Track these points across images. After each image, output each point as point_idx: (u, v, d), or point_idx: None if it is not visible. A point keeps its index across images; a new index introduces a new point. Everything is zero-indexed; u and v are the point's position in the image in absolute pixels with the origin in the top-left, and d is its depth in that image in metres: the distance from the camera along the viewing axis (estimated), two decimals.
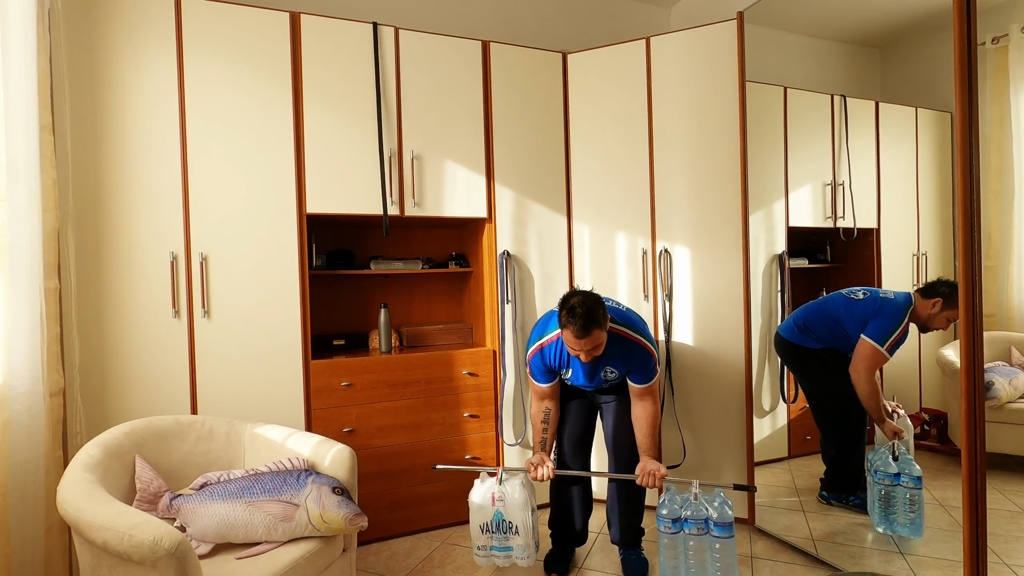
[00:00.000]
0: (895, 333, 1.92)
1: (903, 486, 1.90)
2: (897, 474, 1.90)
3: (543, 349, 1.92)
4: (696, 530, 1.76)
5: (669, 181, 2.45)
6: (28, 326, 1.66)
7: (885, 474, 1.93)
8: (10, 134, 1.64)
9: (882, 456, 1.95)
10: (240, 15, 2.09)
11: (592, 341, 1.73)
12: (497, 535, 1.87)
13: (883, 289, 2.02)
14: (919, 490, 1.88)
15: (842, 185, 2.12)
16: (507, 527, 1.85)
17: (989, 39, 1.66)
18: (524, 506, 1.85)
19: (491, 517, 1.87)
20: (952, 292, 1.73)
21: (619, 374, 1.92)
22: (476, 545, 1.90)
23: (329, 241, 2.61)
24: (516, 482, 1.88)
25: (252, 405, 2.08)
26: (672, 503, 1.81)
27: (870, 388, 1.97)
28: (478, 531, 1.89)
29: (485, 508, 1.88)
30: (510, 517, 1.86)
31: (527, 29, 3.11)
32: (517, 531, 1.85)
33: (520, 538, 1.86)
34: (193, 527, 1.48)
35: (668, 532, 1.80)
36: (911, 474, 1.89)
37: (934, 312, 1.87)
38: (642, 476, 1.83)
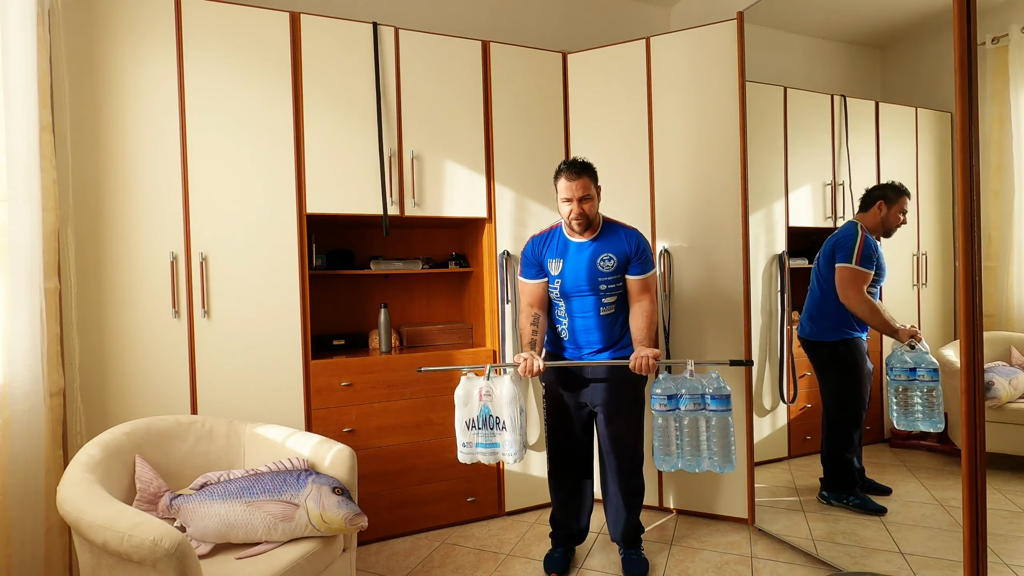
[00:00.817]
0: (856, 247, 1.97)
1: (919, 380, 1.85)
2: (913, 368, 1.85)
3: (535, 237, 2.01)
4: (692, 405, 1.73)
5: (669, 181, 2.45)
6: (28, 326, 1.66)
7: (901, 370, 1.88)
8: (10, 134, 1.64)
9: (897, 355, 1.90)
10: (240, 15, 2.09)
11: (583, 187, 1.83)
12: (484, 431, 1.81)
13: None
14: (936, 382, 1.82)
15: (842, 185, 2.12)
16: (494, 422, 1.80)
17: (989, 39, 1.66)
18: (513, 400, 1.79)
19: (477, 412, 1.81)
20: (886, 189, 1.94)
21: (616, 262, 1.90)
22: (461, 443, 1.84)
23: (329, 241, 2.61)
24: (504, 378, 1.83)
25: (252, 405, 2.08)
26: (666, 382, 1.78)
27: (867, 306, 1.98)
28: (463, 427, 1.83)
29: (471, 403, 1.82)
30: (497, 412, 1.80)
31: (527, 29, 3.11)
32: (504, 426, 1.79)
33: (508, 433, 1.79)
34: (193, 527, 1.48)
35: (663, 410, 1.75)
36: (927, 367, 1.84)
37: (883, 215, 1.96)
38: (635, 361, 1.79)
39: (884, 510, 2.06)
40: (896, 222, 1.96)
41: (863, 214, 2.02)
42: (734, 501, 2.38)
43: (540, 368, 1.83)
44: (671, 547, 2.21)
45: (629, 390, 1.97)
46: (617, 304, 1.95)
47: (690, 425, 1.76)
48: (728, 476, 2.38)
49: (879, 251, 1.99)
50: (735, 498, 2.38)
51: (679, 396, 1.76)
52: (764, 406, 2.37)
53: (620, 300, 1.96)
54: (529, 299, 2.01)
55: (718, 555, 2.14)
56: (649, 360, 1.78)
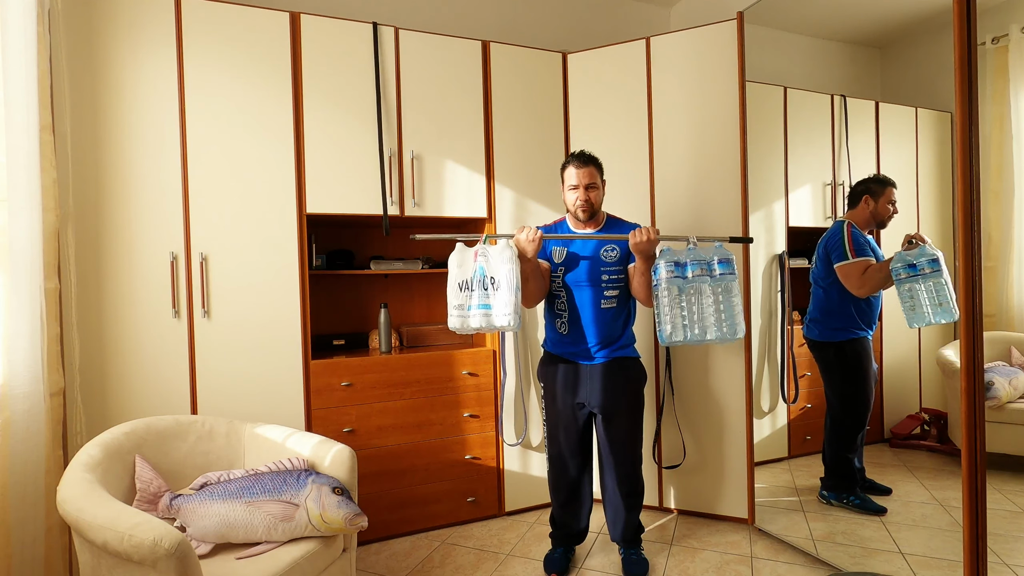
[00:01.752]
0: (845, 243, 2.00)
1: (922, 274, 1.81)
2: (912, 264, 1.83)
3: (541, 227, 1.99)
4: (700, 271, 1.68)
5: (669, 180, 2.45)
6: (28, 326, 1.66)
7: (902, 267, 1.85)
8: (10, 134, 1.64)
9: (899, 255, 1.87)
10: (240, 15, 2.09)
11: (590, 175, 1.90)
12: (477, 292, 1.70)
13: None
14: (939, 272, 1.78)
15: (842, 185, 2.12)
16: (488, 282, 1.70)
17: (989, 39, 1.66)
18: (509, 260, 1.70)
19: (471, 274, 1.72)
20: (869, 183, 1.99)
21: (620, 254, 1.92)
22: (452, 306, 1.74)
23: (329, 241, 2.61)
24: (502, 242, 1.75)
25: (252, 405, 2.08)
26: (669, 254, 1.74)
27: (873, 283, 1.99)
28: (455, 289, 1.74)
29: (465, 264, 1.73)
30: (493, 272, 1.71)
31: (527, 29, 3.11)
32: (499, 286, 1.69)
33: (502, 293, 1.68)
34: (193, 527, 1.48)
35: (670, 276, 1.69)
36: (927, 257, 1.80)
37: (871, 208, 1.99)
38: (635, 235, 1.75)
39: (884, 510, 2.06)
40: (887, 213, 1.98)
41: (852, 211, 2.05)
42: (734, 501, 2.38)
43: (540, 234, 1.77)
44: (671, 547, 2.21)
45: (628, 390, 1.97)
46: (619, 300, 1.95)
47: (697, 293, 1.70)
48: (728, 476, 2.38)
49: (872, 243, 2.01)
50: (735, 498, 2.38)
51: (685, 263, 1.71)
52: (763, 406, 2.37)
53: (622, 296, 1.96)
54: None
55: (718, 555, 2.14)
56: (650, 233, 1.75)
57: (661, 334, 1.76)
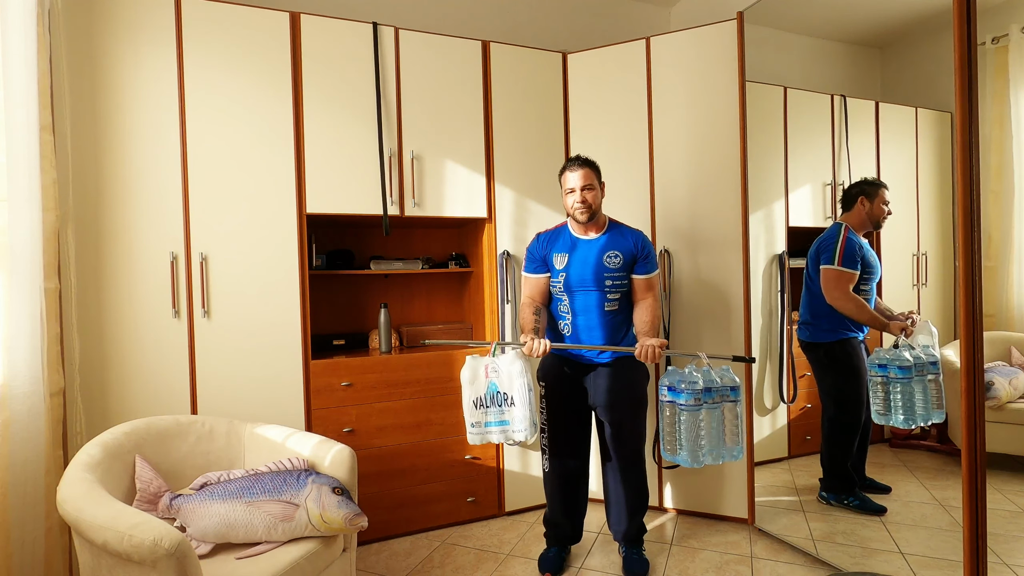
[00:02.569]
0: (837, 248, 2.01)
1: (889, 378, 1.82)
2: (883, 366, 1.83)
3: (542, 234, 2.06)
4: (718, 397, 1.70)
5: (669, 181, 2.45)
6: (28, 326, 1.66)
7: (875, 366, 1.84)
8: (10, 134, 1.64)
9: (876, 351, 1.87)
10: (240, 15, 2.09)
11: (585, 176, 1.91)
12: (492, 408, 1.77)
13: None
14: (908, 380, 1.80)
15: (842, 185, 2.12)
16: (502, 399, 1.76)
17: (989, 39, 1.66)
18: (521, 374, 1.75)
19: (484, 390, 1.77)
20: (863, 185, 2.00)
21: (623, 260, 1.93)
22: (470, 423, 1.80)
23: (329, 241, 2.61)
24: (510, 354, 1.79)
25: (252, 405, 2.08)
26: (691, 375, 1.73)
27: (852, 304, 2.00)
28: (471, 407, 1.79)
29: (478, 381, 1.78)
30: (505, 388, 1.76)
31: (527, 29, 3.11)
32: (513, 402, 1.75)
33: (517, 409, 1.74)
34: (193, 527, 1.48)
35: (694, 405, 1.69)
36: (899, 363, 1.81)
37: (867, 209, 2.00)
38: (640, 350, 1.78)
39: (884, 510, 2.06)
40: (881, 213, 2.00)
41: (847, 213, 2.05)
42: (734, 501, 2.38)
43: (546, 348, 1.81)
44: (671, 547, 2.21)
45: (632, 390, 1.97)
46: (620, 303, 1.96)
47: (712, 418, 1.72)
48: (728, 476, 2.38)
49: (865, 249, 2.01)
50: (735, 498, 2.38)
51: (709, 390, 1.72)
52: (764, 406, 2.37)
53: (624, 300, 1.96)
54: (531, 292, 2.02)
55: (718, 555, 2.14)
56: (655, 349, 1.77)
57: (676, 458, 1.75)
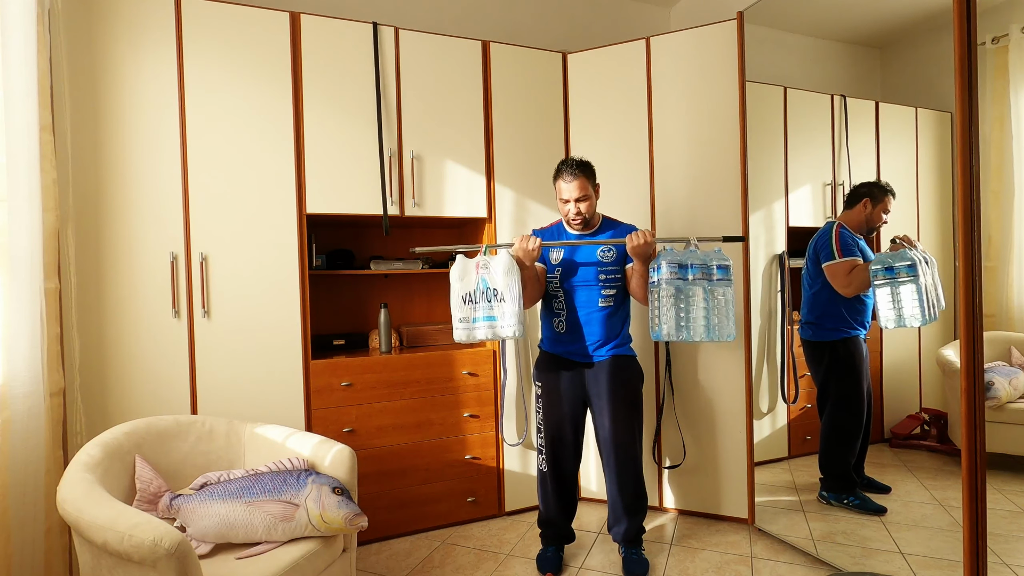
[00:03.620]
0: (832, 243, 2.02)
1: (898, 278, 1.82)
2: (890, 267, 1.84)
3: (537, 231, 2.02)
4: (701, 275, 1.73)
5: (669, 181, 2.45)
6: (28, 326, 1.66)
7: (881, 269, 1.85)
8: (10, 134, 1.64)
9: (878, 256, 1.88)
10: (240, 15, 2.09)
11: (580, 187, 1.87)
12: (481, 304, 1.75)
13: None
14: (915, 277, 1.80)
15: (842, 185, 2.12)
16: (492, 294, 1.74)
17: (989, 39, 1.66)
18: (511, 271, 1.74)
19: (475, 286, 1.76)
20: (872, 187, 1.98)
21: (616, 254, 1.93)
22: (457, 318, 1.78)
23: (329, 241, 2.61)
24: (502, 252, 1.78)
25: (252, 405, 2.08)
26: (671, 254, 1.75)
27: (858, 283, 2.00)
28: (459, 302, 1.77)
29: (468, 277, 1.77)
30: (495, 283, 1.75)
31: (527, 29, 3.11)
32: (503, 297, 1.73)
33: (507, 304, 1.73)
34: (193, 527, 1.48)
35: (673, 279, 1.71)
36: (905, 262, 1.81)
37: (868, 212, 2.00)
38: (632, 238, 1.78)
39: (884, 510, 2.06)
40: (879, 220, 2.00)
41: (848, 212, 2.06)
42: (734, 501, 2.38)
43: (538, 243, 1.80)
44: (671, 547, 2.21)
45: (627, 388, 1.97)
46: (616, 299, 1.96)
47: (694, 295, 1.74)
48: (728, 476, 2.38)
49: (861, 243, 2.01)
50: (735, 498, 2.38)
51: (687, 265, 1.73)
52: (763, 407, 2.37)
53: (619, 295, 1.97)
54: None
55: (718, 555, 2.14)
56: (646, 235, 1.77)
57: (657, 333, 1.78)
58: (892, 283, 1.83)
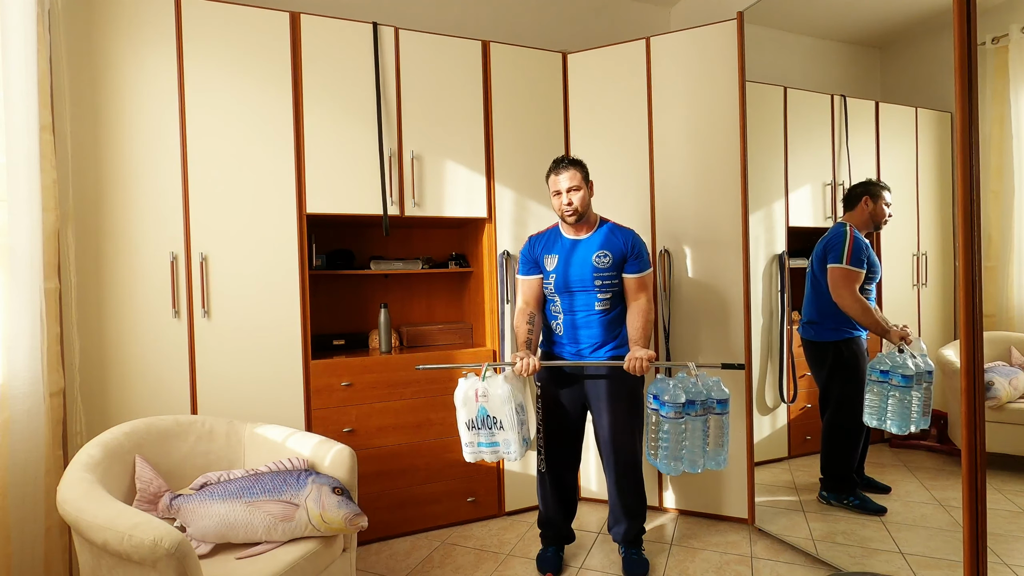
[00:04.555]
0: (846, 247, 2.01)
1: (890, 384, 1.85)
2: (885, 371, 1.86)
3: (533, 236, 2.09)
4: (702, 410, 1.76)
5: (669, 181, 2.45)
6: (28, 326, 1.66)
7: (875, 371, 1.88)
8: (10, 134, 1.64)
9: (878, 356, 1.90)
10: (240, 15, 2.09)
11: (571, 178, 1.91)
12: (483, 431, 1.86)
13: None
14: (908, 388, 1.83)
15: (842, 185, 2.12)
16: (492, 422, 1.85)
17: (989, 39, 1.66)
18: (507, 400, 1.83)
19: (475, 414, 1.86)
20: (868, 185, 2.00)
21: (612, 259, 1.93)
22: (464, 442, 1.90)
23: (329, 241, 2.61)
24: (499, 378, 1.87)
25: (252, 405, 2.08)
26: (674, 388, 1.77)
27: (859, 306, 2.00)
28: (464, 428, 1.89)
29: (469, 405, 1.87)
30: (494, 412, 1.85)
31: (527, 29, 3.11)
32: (502, 425, 1.84)
33: (506, 432, 1.84)
34: (193, 527, 1.48)
35: (676, 418, 1.75)
36: (901, 372, 1.84)
37: (870, 209, 2.01)
38: (630, 362, 1.82)
39: (884, 510, 2.06)
40: (883, 214, 2.00)
41: (850, 213, 2.05)
42: (734, 501, 2.38)
43: (536, 366, 1.86)
44: (671, 547, 2.21)
45: (626, 388, 1.97)
46: (612, 302, 1.96)
47: (695, 428, 1.78)
48: (728, 476, 2.38)
49: (870, 250, 2.01)
50: (735, 498, 2.38)
51: (694, 403, 1.77)
52: (765, 406, 2.37)
53: (615, 298, 1.97)
54: (526, 296, 2.04)
55: (718, 555, 2.14)
56: (643, 362, 1.81)
57: (654, 461, 1.83)
58: (882, 385, 1.89)
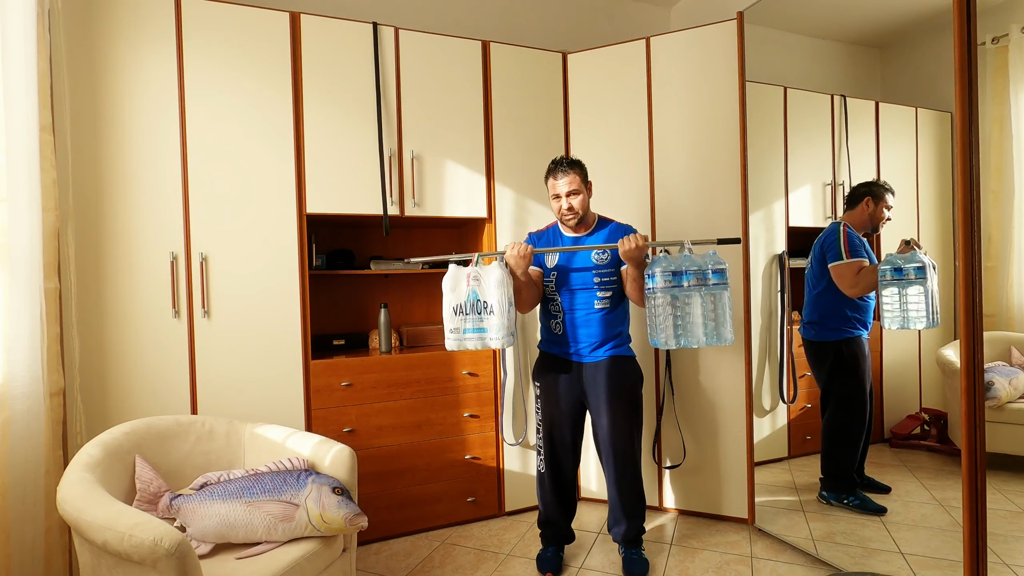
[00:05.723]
0: (840, 243, 2.02)
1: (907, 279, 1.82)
2: (899, 268, 1.83)
3: (533, 233, 2.09)
4: (695, 280, 1.72)
5: (669, 181, 2.45)
6: (28, 326, 1.66)
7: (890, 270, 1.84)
8: (10, 134, 1.64)
9: (888, 257, 1.88)
10: (240, 15, 2.09)
11: (570, 182, 1.90)
12: (471, 316, 1.79)
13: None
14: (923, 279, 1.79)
15: (842, 185, 2.12)
16: (482, 307, 1.78)
17: (989, 39, 1.66)
18: (500, 284, 1.78)
19: (465, 298, 1.80)
20: (872, 186, 2.00)
21: (611, 256, 1.93)
22: (448, 329, 1.83)
23: (329, 241, 2.61)
24: (493, 264, 1.82)
25: (252, 405, 2.08)
26: (664, 261, 1.75)
27: (865, 284, 2.00)
28: (451, 313, 1.82)
29: (459, 288, 1.81)
30: (485, 296, 1.79)
31: (527, 29, 3.11)
32: (492, 310, 1.78)
33: (495, 318, 1.77)
34: (193, 527, 1.48)
35: (667, 287, 1.71)
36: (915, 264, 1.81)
37: (870, 211, 2.01)
38: (623, 243, 1.78)
39: (884, 510, 2.06)
40: (882, 218, 2.00)
41: (850, 212, 2.06)
42: (734, 501, 2.38)
43: (530, 249, 1.82)
44: (671, 547, 2.21)
45: (625, 388, 1.97)
46: (612, 300, 1.96)
47: (690, 300, 1.73)
48: (728, 476, 2.38)
49: (866, 246, 2.01)
50: (735, 498, 2.38)
51: (682, 272, 1.73)
52: (764, 406, 2.37)
53: (615, 297, 1.97)
54: None
55: (718, 555, 2.14)
56: (636, 240, 1.78)
57: (655, 340, 1.78)
58: (900, 283, 1.83)
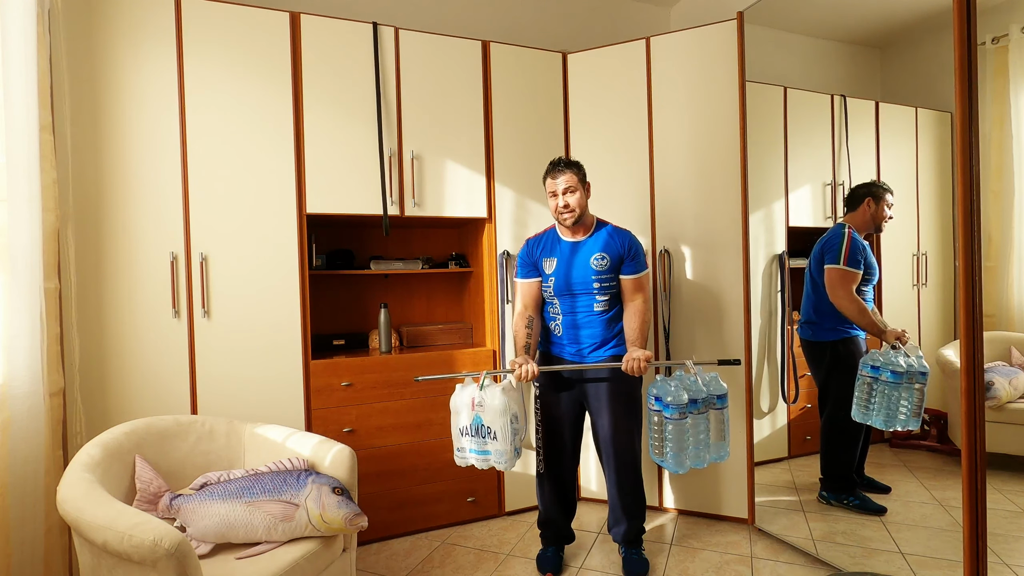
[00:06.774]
0: (843, 248, 2.02)
1: (879, 380, 1.87)
2: (875, 367, 1.87)
3: (531, 239, 2.09)
4: (704, 408, 1.79)
5: (669, 181, 2.45)
6: (28, 326, 1.66)
7: (867, 367, 1.89)
8: (10, 134, 1.64)
9: (871, 352, 1.91)
10: (240, 15, 2.09)
11: (567, 180, 1.91)
12: (476, 439, 1.87)
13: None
14: (897, 385, 1.84)
15: (842, 185, 2.12)
16: (485, 432, 1.85)
17: (989, 39, 1.66)
18: (503, 412, 1.84)
19: (471, 421, 1.87)
20: (871, 186, 2.00)
21: (609, 261, 1.93)
22: (456, 447, 1.91)
23: (329, 241, 2.61)
24: (496, 389, 1.87)
25: (252, 405, 2.08)
26: (677, 390, 1.78)
27: (855, 307, 2.01)
28: (458, 433, 1.90)
29: (464, 412, 1.88)
30: (488, 422, 1.85)
31: (527, 29, 3.11)
32: (495, 436, 1.84)
33: (498, 443, 1.84)
34: (193, 527, 1.48)
35: (679, 419, 1.76)
36: (891, 368, 1.85)
37: (872, 211, 2.00)
38: (628, 363, 1.82)
39: (884, 510, 2.06)
40: (884, 217, 2.00)
41: (851, 214, 2.05)
42: (734, 501, 2.38)
43: (534, 372, 1.86)
44: (671, 547, 2.21)
45: (625, 391, 1.97)
46: (610, 303, 1.96)
47: (698, 425, 1.80)
48: (728, 476, 2.38)
49: (868, 251, 2.01)
50: (735, 498, 2.38)
51: (695, 401, 1.79)
52: (763, 407, 2.37)
53: (613, 299, 1.97)
54: (524, 299, 2.03)
55: (718, 555, 2.14)
56: (640, 363, 1.81)
57: (662, 460, 1.83)
58: (871, 380, 1.90)
